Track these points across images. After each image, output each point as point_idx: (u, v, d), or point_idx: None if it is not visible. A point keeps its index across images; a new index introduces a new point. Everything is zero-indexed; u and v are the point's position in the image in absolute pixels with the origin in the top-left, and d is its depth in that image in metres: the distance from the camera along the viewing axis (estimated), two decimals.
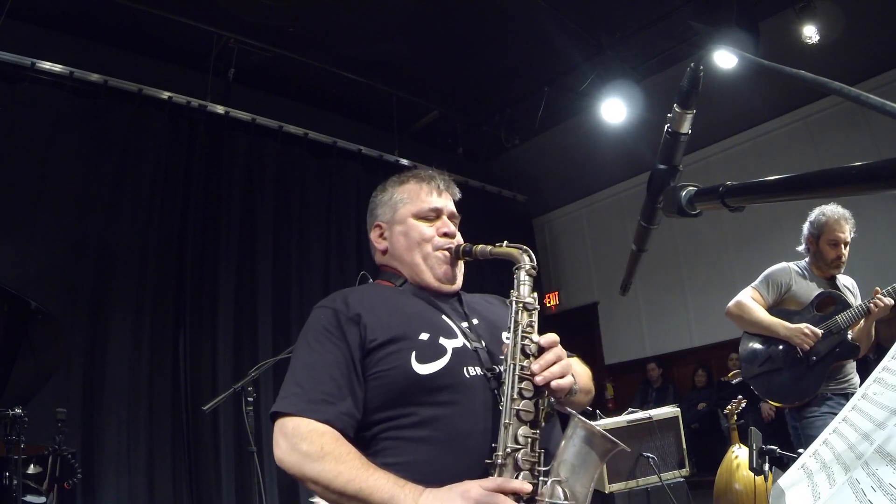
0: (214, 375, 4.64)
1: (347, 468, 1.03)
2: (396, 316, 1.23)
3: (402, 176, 1.45)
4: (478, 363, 1.20)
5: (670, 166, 0.81)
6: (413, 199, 1.38)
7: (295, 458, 1.07)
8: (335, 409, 1.11)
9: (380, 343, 1.18)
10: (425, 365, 1.15)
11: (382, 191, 1.45)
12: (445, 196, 1.41)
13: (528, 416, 1.08)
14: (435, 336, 1.20)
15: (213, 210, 5.04)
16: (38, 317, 2.55)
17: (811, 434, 2.48)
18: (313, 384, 1.14)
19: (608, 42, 5.64)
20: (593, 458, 1.07)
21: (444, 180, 1.43)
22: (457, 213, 1.43)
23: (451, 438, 1.10)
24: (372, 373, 1.16)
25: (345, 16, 5.03)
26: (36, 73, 4.35)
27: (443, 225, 1.37)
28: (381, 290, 1.35)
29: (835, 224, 2.65)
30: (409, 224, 1.36)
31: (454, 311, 1.32)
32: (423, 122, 6.86)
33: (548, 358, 1.12)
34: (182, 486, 4.31)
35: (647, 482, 3.44)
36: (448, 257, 1.34)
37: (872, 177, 0.53)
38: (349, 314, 1.21)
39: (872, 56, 5.40)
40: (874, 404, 0.76)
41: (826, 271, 2.71)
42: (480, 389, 1.16)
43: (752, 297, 2.73)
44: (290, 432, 1.09)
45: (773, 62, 0.71)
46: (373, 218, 1.45)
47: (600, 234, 7.70)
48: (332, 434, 1.09)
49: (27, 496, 2.43)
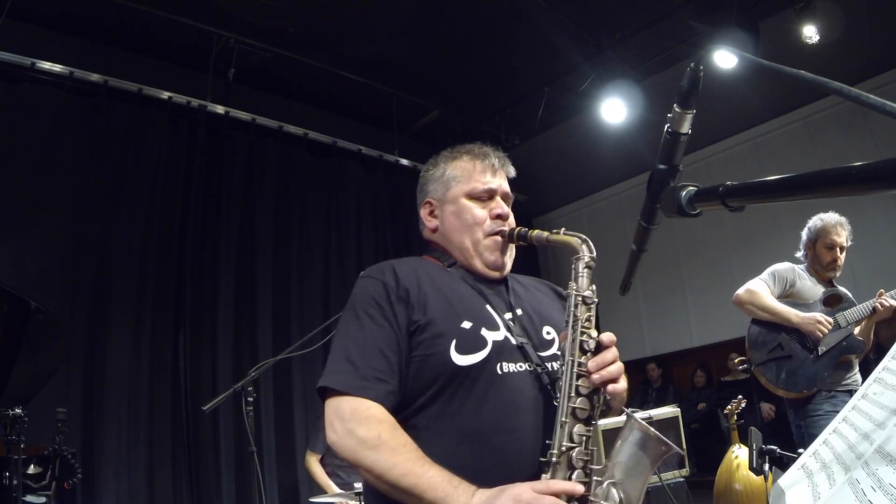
0: (214, 375, 4.63)
1: (403, 461, 1.01)
2: (441, 299, 1.20)
3: (455, 151, 1.39)
4: (521, 359, 1.17)
5: (670, 166, 0.81)
6: (466, 178, 1.33)
7: (351, 444, 1.05)
8: (386, 387, 1.09)
9: (422, 326, 1.15)
10: (464, 356, 1.13)
11: (434, 166, 1.40)
12: (500, 175, 1.35)
13: (583, 413, 1.06)
14: (477, 326, 1.17)
15: (213, 210, 5.03)
16: (38, 317, 2.55)
17: (814, 433, 2.47)
18: (365, 361, 1.11)
19: (608, 42, 5.64)
20: (646, 462, 1.05)
21: (500, 158, 1.37)
22: (511, 192, 1.37)
23: (475, 435, 1.08)
24: (413, 355, 1.14)
25: (345, 16, 5.03)
26: (36, 73, 4.35)
27: (496, 206, 1.32)
28: (428, 267, 1.30)
29: (831, 228, 2.75)
30: (461, 204, 1.31)
31: (500, 300, 1.28)
32: (423, 122, 6.86)
33: (606, 357, 1.09)
34: (182, 486, 4.30)
35: (648, 482, 3.43)
36: (499, 243, 1.30)
37: (872, 177, 0.53)
38: (398, 291, 1.18)
39: (872, 56, 5.40)
40: (874, 404, 0.76)
41: (823, 275, 2.78)
42: (521, 386, 1.14)
43: (762, 287, 2.78)
44: (348, 416, 1.07)
45: (773, 62, 0.71)
46: (423, 194, 1.40)
47: (600, 234, 7.65)
48: (389, 422, 1.07)
49: (27, 496, 2.42)
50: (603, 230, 7.66)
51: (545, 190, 7.98)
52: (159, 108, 4.90)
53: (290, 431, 4.92)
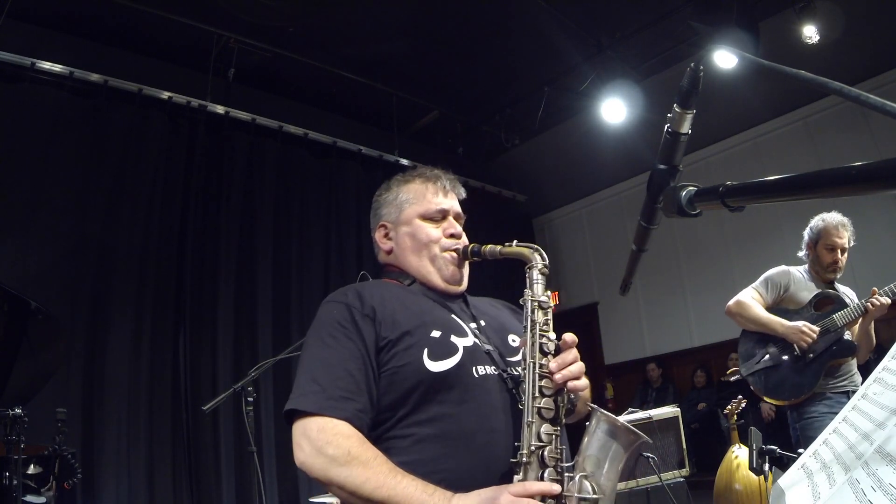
0: (214, 375, 4.64)
1: (375, 474, 1.01)
2: (408, 313, 1.22)
3: (407, 175, 1.43)
4: (490, 363, 1.19)
5: (670, 166, 0.81)
6: (419, 200, 1.37)
7: (320, 462, 1.05)
8: (354, 405, 1.09)
9: (393, 339, 1.17)
10: (437, 362, 1.14)
11: (387, 190, 1.44)
12: (451, 196, 1.40)
13: (549, 413, 1.08)
14: (446, 334, 1.20)
15: (213, 210, 5.04)
16: (38, 317, 2.56)
17: (810, 435, 2.48)
18: (331, 380, 1.11)
19: (608, 42, 5.64)
20: (618, 451, 1.08)
21: (450, 180, 1.42)
22: (462, 213, 1.42)
23: (458, 437, 1.09)
24: (384, 369, 1.15)
25: (345, 16, 5.03)
26: (36, 73, 4.35)
27: (449, 226, 1.36)
28: (390, 287, 1.33)
29: (833, 229, 2.71)
30: (415, 225, 1.35)
31: (462, 312, 1.32)
32: (423, 122, 6.86)
33: (566, 358, 1.12)
34: (182, 486, 4.30)
35: (647, 482, 3.44)
36: (456, 258, 1.34)
37: (872, 177, 0.53)
38: (363, 310, 1.19)
39: (872, 56, 5.40)
40: (874, 404, 0.76)
41: (823, 275, 2.75)
42: (492, 389, 1.16)
43: (752, 297, 2.77)
44: (315, 435, 1.07)
45: (773, 62, 0.71)
46: (377, 218, 1.43)
47: (600, 234, 7.69)
48: (357, 437, 1.07)
49: (27, 496, 2.42)
50: (603, 230, 7.67)
51: (545, 190, 7.98)
52: (159, 108, 4.90)
53: (290, 431, 4.89)
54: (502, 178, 7.76)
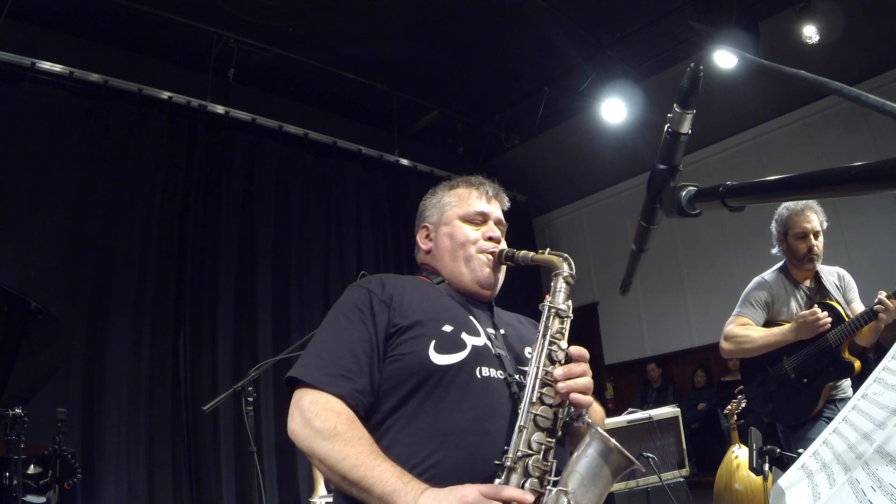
0: (214, 375, 4.63)
1: (355, 452, 1.03)
2: (425, 305, 1.24)
3: (453, 181, 1.49)
4: (498, 367, 1.19)
5: (670, 166, 0.81)
6: (461, 203, 1.41)
7: (306, 433, 1.07)
8: (351, 385, 1.11)
9: (403, 327, 1.18)
10: (443, 355, 1.15)
11: (432, 194, 1.49)
12: (494, 203, 1.44)
13: (545, 422, 1.05)
14: (458, 330, 1.21)
15: (213, 210, 5.03)
16: (38, 317, 2.55)
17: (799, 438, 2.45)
18: (334, 358, 1.14)
19: (608, 42, 5.64)
20: (605, 474, 1.01)
21: (494, 188, 1.46)
22: (504, 220, 1.45)
23: (448, 434, 1.09)
24: (391, 355, 1.17)
25: (345, 16, 5.03)
26: (36, 73, 4.35)
27: (489, 230, 1.38)
28: (417, 282, 1.36)
29: (798, 216, 2.49)
30: (454, 226, 1.39)
31: (484, 317, 1.33)
32: (423, 122, 6.86)
33: (574, 369, 1.10)
34: (182, 486, 4.30)
35: (647, 482, 3.44)
36: (491, 261, 1.35)
37: (872, 177, 0.53)
38: (382, 296, 1.23)
39: (872, 56, 5.40)
40: (874, 404, 0.76)
41: (802, 267, 2.54)
42: (494, 392, 1.15)
43: (742, 324, 2.54)
44: (307, 406, 1.09)
45: (773, 62, 0.71)
46: (420, 219, 1.48)
47: (600, 234, 7.69)
48: (347, 415, 1.09)
49: (27, 496, 2.43)
50: (603, 230, 7.67)
51: (545, 190, 7.98)
52: (159, 108, 4.90)
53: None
54: (502, 178, 7.64)
